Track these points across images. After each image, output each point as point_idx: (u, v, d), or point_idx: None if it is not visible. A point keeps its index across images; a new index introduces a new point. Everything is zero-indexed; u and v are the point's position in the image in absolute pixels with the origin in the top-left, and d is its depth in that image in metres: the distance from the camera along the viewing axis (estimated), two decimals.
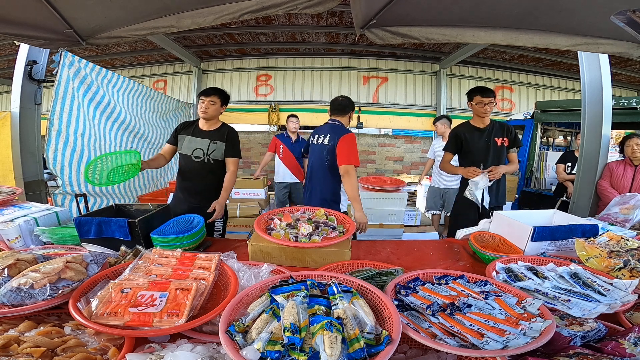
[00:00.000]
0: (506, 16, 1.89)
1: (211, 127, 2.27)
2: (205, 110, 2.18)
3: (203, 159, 2.21)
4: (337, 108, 2.31)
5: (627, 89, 7.64)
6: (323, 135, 2.27)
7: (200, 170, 2.22)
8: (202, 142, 2.22)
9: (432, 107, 7.38)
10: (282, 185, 4.14)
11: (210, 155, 2.21)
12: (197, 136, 2.24)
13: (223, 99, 2.28)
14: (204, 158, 2.21)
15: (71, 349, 0.78)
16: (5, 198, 1.73)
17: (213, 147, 2.22)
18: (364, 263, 1.30)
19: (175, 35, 5.88)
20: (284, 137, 4.17)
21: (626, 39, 1.88)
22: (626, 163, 2.72)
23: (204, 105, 2.18)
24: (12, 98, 2.90)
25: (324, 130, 2.31)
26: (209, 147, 2.21)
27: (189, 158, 2.21)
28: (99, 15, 2.04)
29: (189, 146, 2.22)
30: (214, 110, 2.21)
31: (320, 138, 2.28)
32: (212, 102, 2.20)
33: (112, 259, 1.23)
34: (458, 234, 1.86)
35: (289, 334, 0.67)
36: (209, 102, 2.18)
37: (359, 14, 1.95)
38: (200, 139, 2.22)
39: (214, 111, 2.22)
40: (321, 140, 2.26)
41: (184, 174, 2.28)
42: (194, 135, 2.24)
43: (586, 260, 1.25)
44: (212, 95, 2.21)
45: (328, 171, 2.20)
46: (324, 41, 6.51)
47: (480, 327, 0.79)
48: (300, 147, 4.04)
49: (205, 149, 2.21)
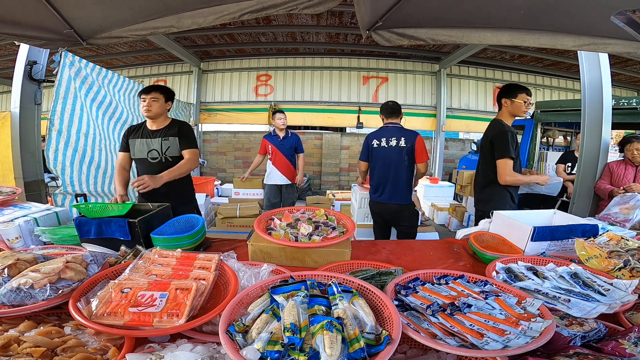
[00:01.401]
0: (512, 16, 1.88)
1: (160, 125, 2.17)
2: (148, 108, 2.07)
3: (160, 159, 2.13)
4: (393, 112, 2.63)
5: (627, 89, 7.64)
6: (394, 138, 2.54)
7: (160, 171, 2.07)
8: (155, 141, 2.13)
9: (432, 107, 7.39)
10: (273, 188, 3.94)
11: (166, 153, 2.13)
12: (147, 137, 2.14)
13: (166, 95, 2.17)
14: (160, 158, 2.13)
15: (71, 349, 0.78)
16: (5, 198, 1.73)
17: (166, 144, 2.13)
18: (364, 263, 1.30)
19: (175, 35, 5.88)
20: (271, 137, 3.91)
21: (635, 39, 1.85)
22: (627, 163, 2.72)
23: (146, 104, 2.07)
24: (12, 98, 2.90)
25: (392, 133, 2.56)
26: (161, 145, 2.12)
27: (145, 161, 2.14)
28: (99, 16, 2.04)
29: (142, 149, 2.14)
30: (157, 107, 2.11)
31: (391, 141, 2.55)
32: (154, 98, 2.09)
33: (112, 259, 1.23)
34: (458, 234, 1.86)
35: (289, 334, 0.67)
36: (151, 100, 2.08)
37: (365, 16, 1.95)
38: (152, 140, 2.13)
39: (158, 108, 2.12)
40: (394, 143, 2.54)
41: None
42: (144, 137, 2.15)
43: (586, 260, 1.25)
44: (152, 92, 2.10)
45: (408, 168, 2.55)
46: (324, 41, 6.51)
47: (480, 327, 0.79)
48: (289, 144, 3.86)
49: (159, 149, 2.12)
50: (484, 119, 7.30)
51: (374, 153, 2.64)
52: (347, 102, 7.35)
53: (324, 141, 7.81)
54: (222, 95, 7.50)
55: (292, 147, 3.88)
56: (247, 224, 3.99)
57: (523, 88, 2.13)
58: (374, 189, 2.70)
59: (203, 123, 7.65)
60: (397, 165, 2.54)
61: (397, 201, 2.59)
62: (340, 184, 7.98)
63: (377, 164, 2.63)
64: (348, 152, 7.89)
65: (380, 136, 2.60)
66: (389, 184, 2.58)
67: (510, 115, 2.20)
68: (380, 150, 2.60)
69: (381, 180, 2.61)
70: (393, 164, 2.55)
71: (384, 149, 2.58)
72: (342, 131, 8.54)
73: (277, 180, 3.87)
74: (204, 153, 8.17)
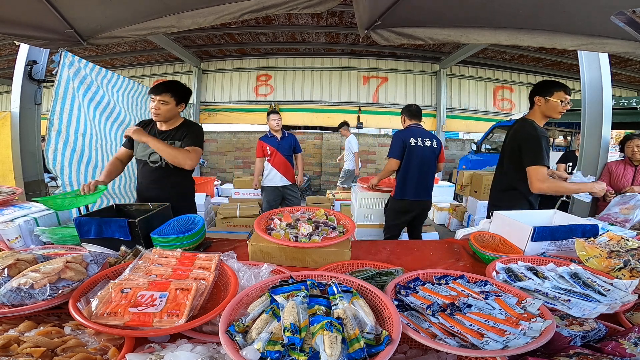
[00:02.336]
0: (511, 16, 1.88)
1: (171, 126, 1.95)
2: (156, 111, 1.85)
3: (161, 164, 1.92)
4: (417, 115, 2.82)
5: (627, 89, 7.65)
6: (428, 139, 2.75)
7: (159, 177, 1.93)
8: None
9: (432, 107, 7.39)
10: (272, 189, 3.79)
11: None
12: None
13: (178, 96, 1.89)
14: (161, 163, 1.92)
15: (71, 349, 0.78)
16: (5, 198, 1.73)
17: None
18: (364, 263, 1.30)
19: (175, 35, 5.88)
20: (268, 138, 3.75)
21: (633, 39, 1.85)
22: (626, 163, 2.72)
23: (154, 106, 1.84)
24: (12, 98, 2.91)
25: (424, 134, 2.76)
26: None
27: (145, 164, 1.94)
28: (100, 16, 2.04)
29: (145, 150, 1.92)
30: (166, 111, 1.86)
31: (426, 142, 2.73)
32: (164, 102, 1.83)
33: (112, 259, 1.23)
34: (458, 234, 1.86)
35: (289, 334, 0.67)
36: (160, 102, 1.83)
37: (363, 15, 1.95)
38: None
39: (167, 112, 1.87)
40: (428, 144, 2.74)
41: (142, 184, 2.00)
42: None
43: (586, 260, 1.25)
44: (162, 93, 1.83)
45: (435, 168, 2.85)
46: (324, 41, 6.51)
47: (480, 327, 0.79)
48: (288, 144, 3.76)
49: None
50: (484, 119, 7.30)
51: (413, 151, 2.71)
52: (347, 102, 7.35)
53: (324, 141, 7.82)
54: (222, 95, 7.50)
55: (291, 147, 3.82)
56: (247, 224, 3.99)
57: (562, 85, 1.86)
58: (409, 187, 2.75)
59: (203, 123, 7.67)
60: (430, 164, 2.78)
61: (429, 197, 2.89)
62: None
63: (415, 162, 2.71)
64: None
65: (415, 135, 2.72)
66: (424, 182, 2.79)
67: (543, 116, 1.93)
68: (418, 149, 2.71)
69: (420, 178, 2.75)
70: (427, 163, 2.75)
71: (421, 147, 2.71)
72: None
73: (278, 181, 3.77)
74: (204, 153, 8.17)
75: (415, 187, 2.75)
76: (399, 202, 2.83)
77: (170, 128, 1.96)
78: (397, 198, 2.82)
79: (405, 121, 2.87)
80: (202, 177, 6.27)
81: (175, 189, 1.98)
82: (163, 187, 1.95)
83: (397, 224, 2.91)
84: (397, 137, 2.77)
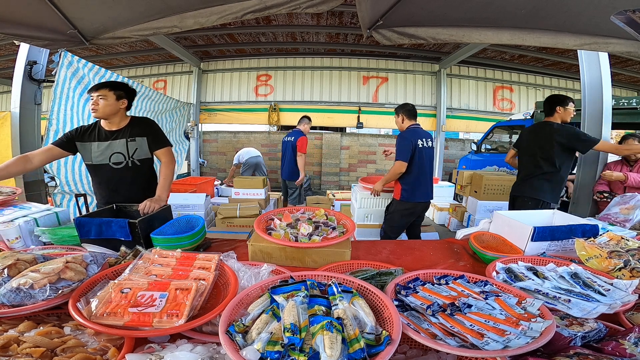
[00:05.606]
0: (513, 16, 1.87)
1: (120, 124, 1.91)
2: (94, 107, 1.80)
3: (126, 163, 1.89)
4: (415, 114, 2.80)
5: (627, 89, 7.64)
6: (429, 140, 2.76)
7: (125, 176, 1.90)
8: (118, 144, 1.87)
9: (432, 107, 7.38)
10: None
11: (134, 156, 1.90)
12: (106, 139, 1.87)
13: (117, 91, 1.86)
14: (127, 162, 1.89)
15: (71, 349, 0.78)
16: (5, 198, 1.73)
17: (134, 145, 1.88)
18: (364, 263, 1.30)
19: (175, 35, 5.88)
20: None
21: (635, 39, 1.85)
22: (622, 163, 2.73)
23: (92, 102, 1.82)
24: (12, 98, 2.91)
25: (425, 135, 2.74)
26: (127, 147, 1.88)
27: (107, 167, 1.88)
28: (103, 16, 2.04)
29: (102, 153, 1.87)
30: (104, 106, 1.81)
31: (428, 142, 2.74)
32: (102, 96, 1.80)
33: (112, 259, 1.23)
34: (458, 234, 1.86)
35: (289, 334, 0.67)
36: (98, 97, 1.80)
37: (366, 14, 1.95)
38: (113, 142, 1.87)
39: (106, 107, 1.81)
40: (429, 144, 2.76)
41: (104, 187, 1.95)
42: (102, 139, 1.87)
43: (586, 260, 1.25)
44: (100, 89, 1.82)
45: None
46: (324, 41, 6.51)
47: (481, 328, 0.79)
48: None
49: (124, 151, 1.88)
50: (484, 119, 7.30)
51: (421, 153, 2.69)
52: (347, 102, 7.35)
53: (324, 141, 7.82)
54: (222, 95, 7.50)
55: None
56: (247, 224, 3.98)
57: (571, 99, 2.54)
58: (422, 190, 2.75)
59: (203, 123, 7.66)
60: (431, 164, 2.80)
61: (432, 197, 2.89)
62: (340, 184, 7.98)
63: (425, 163, 2.72)
64: (348, 152, 7.90)
65: (421, 136, 2.71)
66: (431, 183, 2.81)
67: (561, 120, 2.53)
68: (425, 150, 2.72)
69: (428, 179, 2.77)
70: (430, 164, 2.78)
71: (427, 149, 2.73)
72: (342, 131, 8.55)
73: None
74: (204, 153, 8.17)
75: (426, 189, 2.77)
76: (407, 205, 2.77)
77: (121, 126, 1.90)
78: (406, 200, 2.76)
79: (403, 121, 2.78)
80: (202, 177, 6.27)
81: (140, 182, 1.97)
82: (130, 184, 1.93)
83: (402, 225, 2.91)
84: (405, 139, 2.67)
